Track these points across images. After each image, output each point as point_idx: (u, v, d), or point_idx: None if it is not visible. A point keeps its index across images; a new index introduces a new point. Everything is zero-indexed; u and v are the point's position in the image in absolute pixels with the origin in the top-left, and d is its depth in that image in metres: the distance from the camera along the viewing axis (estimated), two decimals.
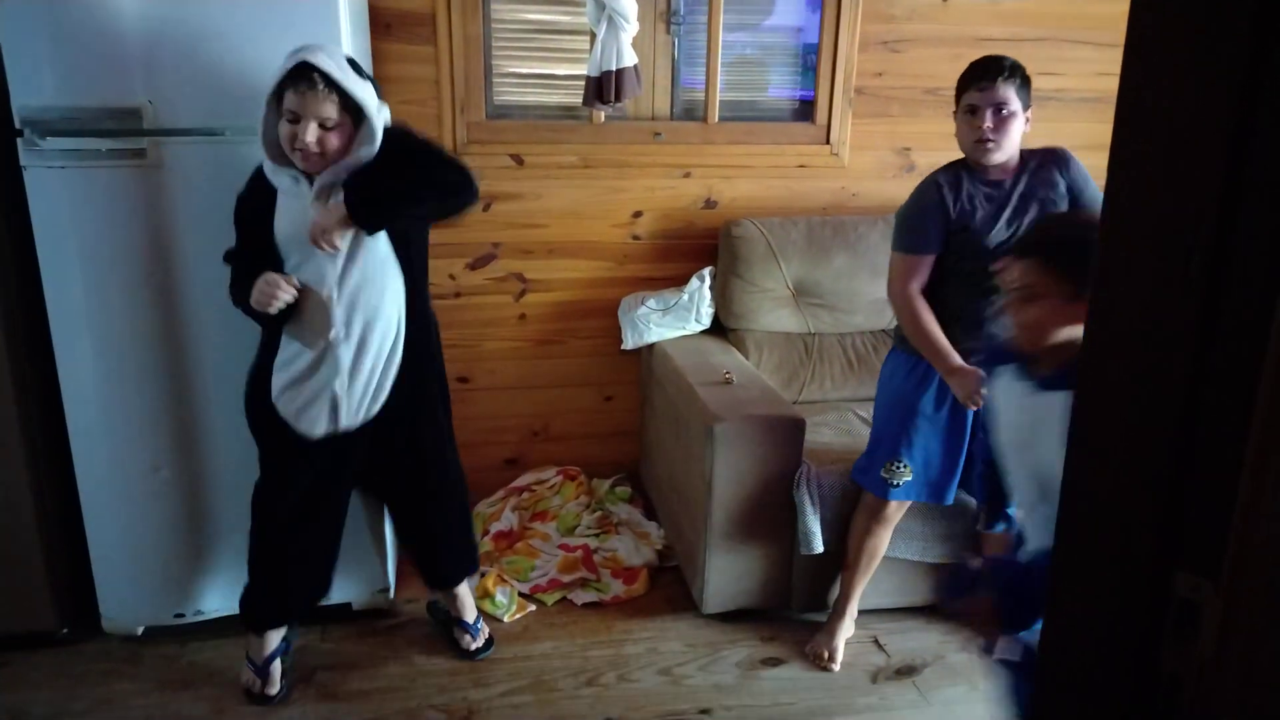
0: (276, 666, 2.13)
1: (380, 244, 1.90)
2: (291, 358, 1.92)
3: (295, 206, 1.86)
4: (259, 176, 1.89)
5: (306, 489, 2.03)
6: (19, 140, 1.93)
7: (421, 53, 2.68)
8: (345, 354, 1.91)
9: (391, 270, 1.94)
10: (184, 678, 2.19)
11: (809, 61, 2.99)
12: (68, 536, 2.23)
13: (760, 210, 2.96)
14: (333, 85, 1.77)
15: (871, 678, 2.26)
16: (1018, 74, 2.00)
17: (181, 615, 2.29)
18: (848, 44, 2.89)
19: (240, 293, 1.90)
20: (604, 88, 2.62)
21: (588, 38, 2.72)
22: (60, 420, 2.11)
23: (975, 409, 2.03)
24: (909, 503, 2.23)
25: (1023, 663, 1.44)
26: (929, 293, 2.10)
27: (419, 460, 2.11)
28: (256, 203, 1.89)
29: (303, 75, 1.76)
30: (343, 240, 1.83)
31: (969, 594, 1.63)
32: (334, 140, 1.81)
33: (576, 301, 2.98)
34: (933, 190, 2.07)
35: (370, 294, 1.91)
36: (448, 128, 2.74)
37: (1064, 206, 2.07)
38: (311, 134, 1.78)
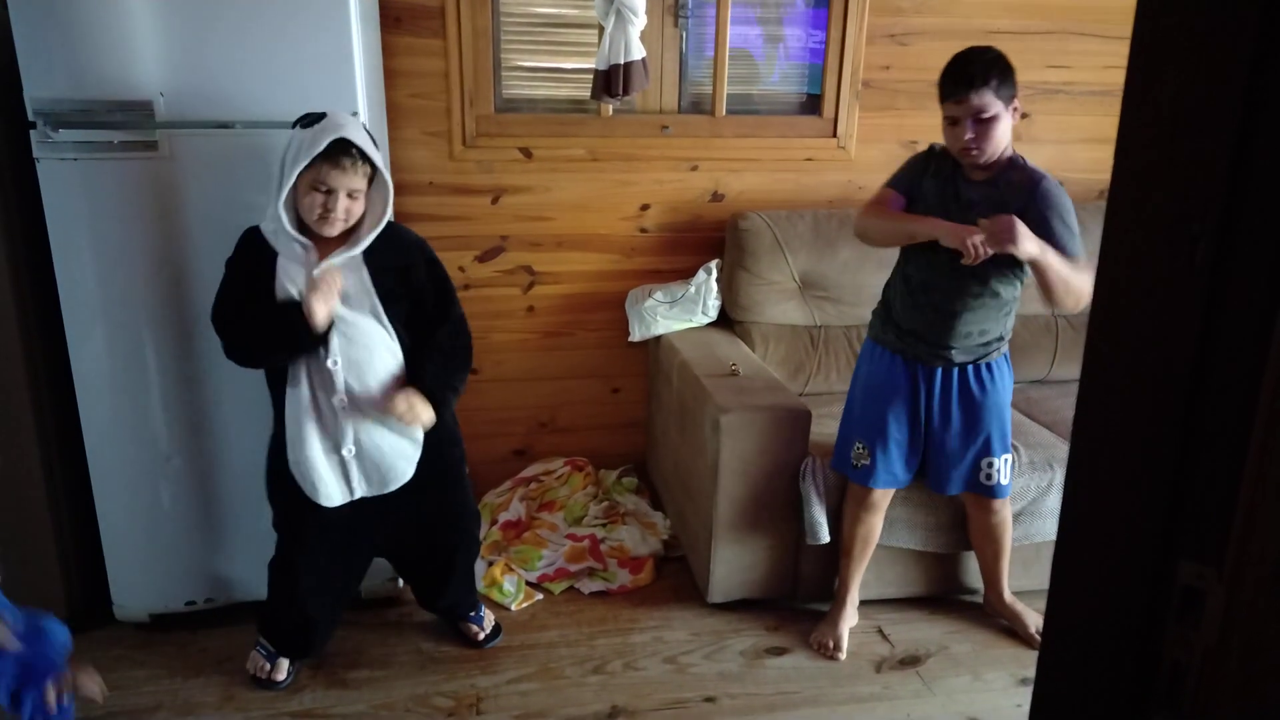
0: (286, 657, 2.16)
1: (373, 321, 1.93)
2: (295, 422, 1.93)
3: (299, 273, 1.87)
4: (253, 239, 1.90)
5: (323, 558, 2.05)
6: (32, 132, 1.94)
7: (431, 46, 2.69)
8: (347, 420, 1.93)
9: (391, 346, 1.95)
10: (195, 665, 2.21)
11: (816, 55, 2.99)
12: (80, 524, 2.25)
13: (767, 203, 2.96)
14: (365, 158, 1.82)
15: (875, 667, 2.28)
16: (992, 75, 1.94)
17: (193, 603, 2.31)
18: (855, 37, 2.88)
19: (247, 335, 1.90)
20: (612, 81, 2.62)
21: (596, 31, 2.72)
22: (72, 410, 2.13)
23: (975, 257, 1.93)
24: (893, 490, 2.25)
25: None
26: (902, 275, 2.17)
27: (435, 532, 2.15)
28: (251, 265, 1.89)
29: (341, 151, 1.79)
30: (419, 414, 1.91)
31: None
32: (357, 208, 1.87)
33: (584, 294, 2.99)
34: (926, 154, 2.14)
35: (373, 363, 1.93)
36: (456, 121, 2.75)
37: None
38: (343, 204, 1.83)
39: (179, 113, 1.99)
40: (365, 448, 1.95)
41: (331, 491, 1.96)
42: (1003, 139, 2.00)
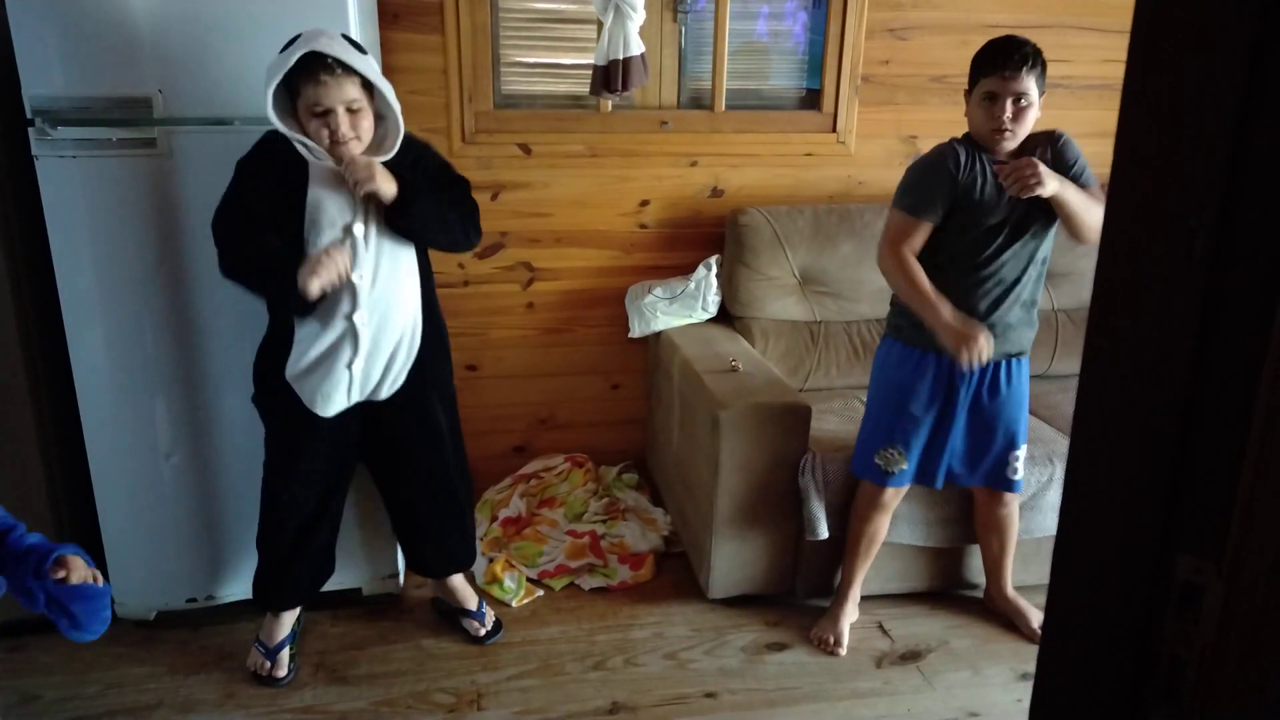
0: (285, 652, 2.16)
1: (406, 243, 1.94)
2: (309, 336, 1.92)
3: (337, 182, 1.84)
4: (274, 144, 1.84)
5: (315, 467, 2.04)
6: (30, 130, 1.94)
7: (429, 42, 2.69)
8: (365, 336, 1.92)
9: (413, 264, 1.98)
10: (196, 662, 2.21)
11: (816, 50, 2.98)
12: (80, 522, 2.25)
13: (767, 199, 2.96)
14: (346, 68, 1.77)
15: (876, 662, 2.28)
16: (1040, 62, 1.96)
17: (194, 600, 2.31)
18: (854, 32, 2.88)
19: (249, 259, 1.86)
20: (611, 77, 2.62)
21: (595, 26, 2.72)
22: (73, 407, 2.13)
23: (970, 368, 2.03)
24: (905, 488, 2.25)
25: None
26: (950, 258, 2.09)
27: (420, 446, 2.13)
28: (278, 171, 1.84)
29: (317, 64, 1.74)
30: (379, 183, 1.80)
31: None
32: (365, 122, 1.82)
33: (584, 290, 2.99)
34: (950, 156, 2.04)
35: (396, 281, 1.94)
36: (455, 117, 2.75)
37: None
38: (345, 121, 1.78)
39: (178, 110, 1.98)
40: (374, 362, 1.95)
41: (331, 401, 1.95)
42: (1029, 129, 2.02)
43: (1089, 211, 1.98)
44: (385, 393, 2.02)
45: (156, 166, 2.01)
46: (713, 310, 2.86)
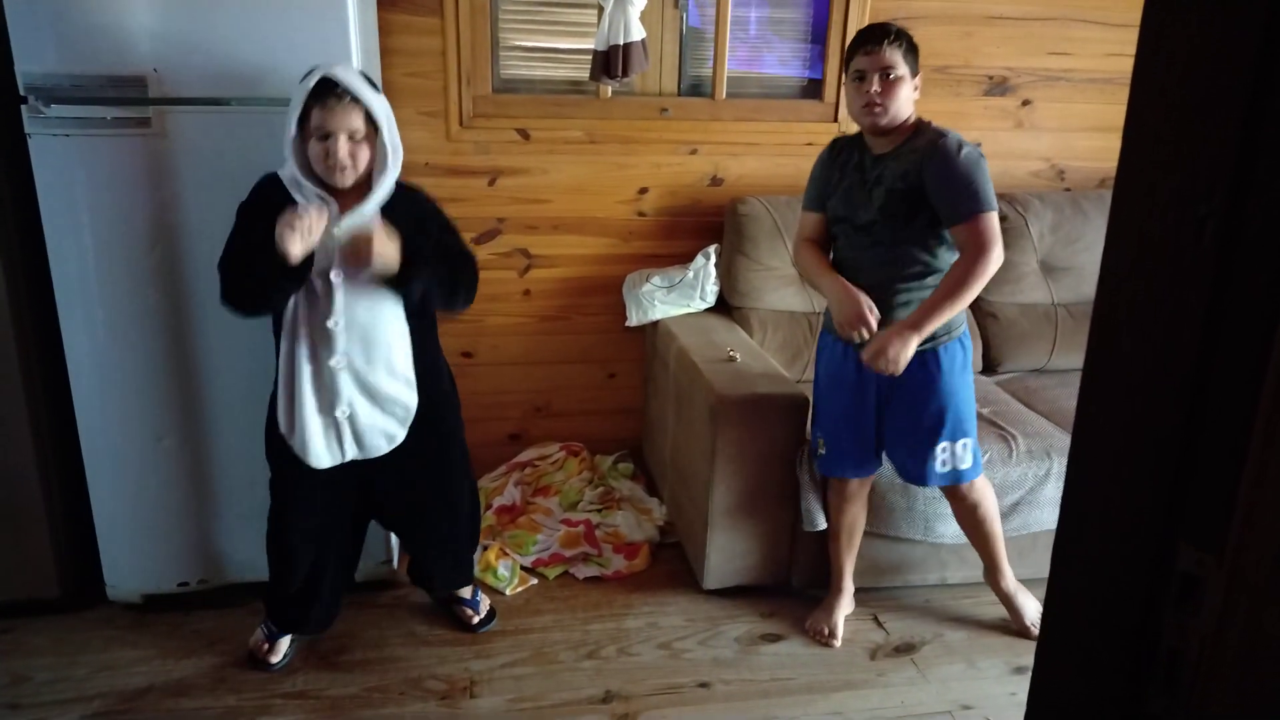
0: (287, 640, 2.16)
1: (383, 288, 1.89)
2: (287, 383, 1.89)
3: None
4: (271, 188, 1.86)
5: (312, 523, 2.04)
6: (23, 107, 1.92)
7: (428, 24, 2.66)
8: (343, 382, 1.89)
9: (397, 315, 1.93)
10: (186, 645, 2.20)
11: (818, 38, 2.96)
12: (72, 505, 2.24)
13: (767, 188, 2.95)
14: (355, 98, 1.79)
15: (870, 654, 2.28)
16: (903, 39, 2.02)
17: (185, 583, 2.30)
18: (858, 21, 2.86)
19: (243, 280, 1.86)
20: (611, 62, 2.60)
21: (595, 11, 2.70)
22: (65, 389, 2.12)
23: (854, 342, 2.08)
24: (866, 480, 2.25)
25: None
26: (835, 260, 2.18)
27: (428, 500, 2.12)
28: (269, 214, 1.82)
29: (327, 90, 1.77)
30: (382, 247, 1.80)
31: None
32: (364, 154, 1.82)
33: (581, 278, 2.97)
34: (827, 147, 2.21)
35: (376, 330, 1.90)
36: (453, 100, 2.73)
37: (909, 192, 2.01)
38: (344, 148, 1.79)
39: (173, 89, 1.97)
40: (359, 411, 1.93)
41: (320, 454, 1.93)
42: (905, 105, 2.02)
43: (961, 302, 2.00)
44: (385, 448, 1.99)
45: (151, 146, 1.99)
46: (711, 300, 2.85)
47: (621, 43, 2.58)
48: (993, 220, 1.96)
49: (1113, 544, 0.69)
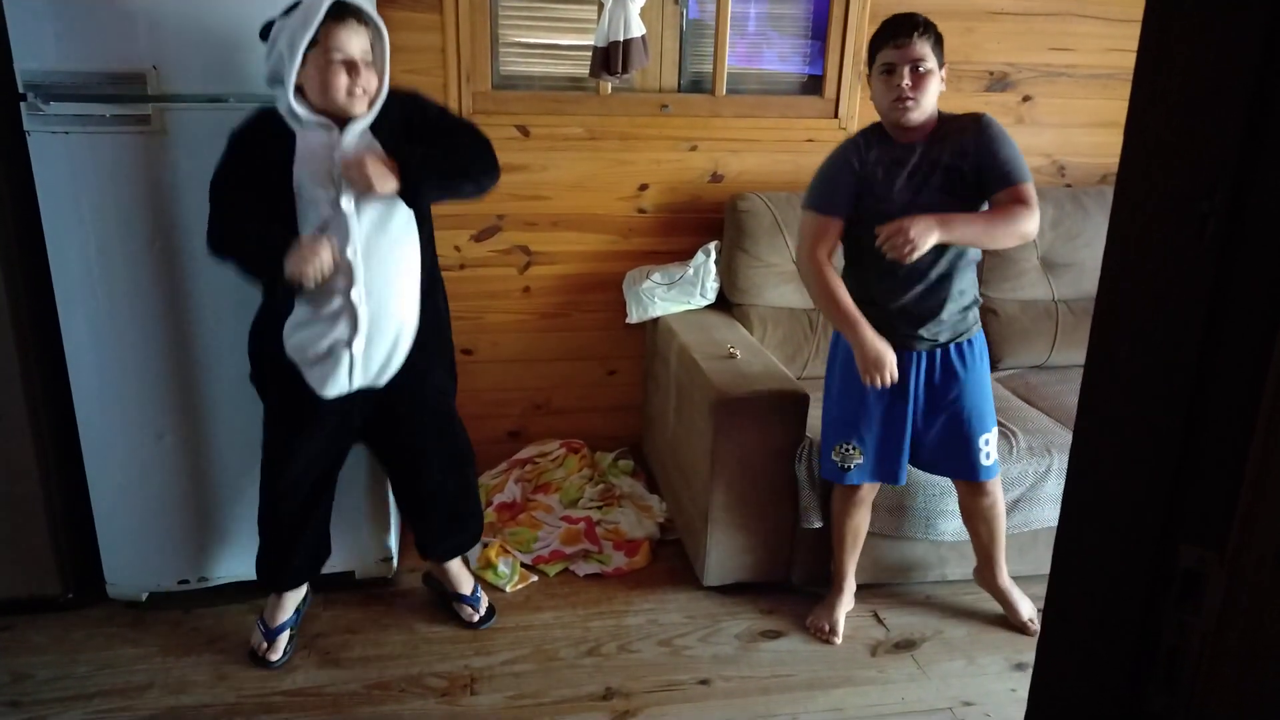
0: (285, 634, 2.16)
1: (401, 207, 1.90)
2: (306, 316, 1.90)
3: (322, 155, 1.82)
4: (267, 119, 1.83)
5: (314, 449, 2.03)
6: (23, 105, 1.92)
7: (427, 20, 2.66)
8: (364, 314, 1.89)
9: (411, 232, 1.94)
10: (187, 643, 2.21)
11: (818, 34, 2.96)
12: (72, 502, 2.24)
13: (767, 184, 2.94)
14: (365, 19, 1.78)
15: (870, 651, 2.28)
16: (932, 31, 1.97)
17: (186, 581, 2.31)
18: (857, 17, 2.86)
19: (236, 240, 1.84)
20: (611, 59, 2.60)
21: (595, 8, 2.70)
22: (65, 387, 2.12)
23: (875, 386, 2.04)
24: (879, 484, 2.23)
25: None
26: (844, 275, 2.08)
27: (422, 423, 2.11)
28: (268, 147, 1.82)
29: (344, 12, 1.75)
30: (381, 184, 1.78)
31: None
32: (373, 77, 1.82)
33: (581, 275, 2.97)
34: (848, 148, 2.05)
35: (393, 254, 1.90)
36: (453, 97, 2.72)
37: (969, 171, 2.00)
38: (364, 73, 1.78)
39: (172, 86, 1.96)
40: (374, 339, 1.92)
41: (333, 384, 1.92)
42: (933, 99, 1.99)
43: (991, 233, 1.96)
44: (387, 376, 1.99)
45: (150, 143, 1.99)
46: (711, 297, 2.85)
47: (621, 39, 2.57)
48: (1033, 189, 1.97)
49: (1114, 542, 0.69)
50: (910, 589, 2.50)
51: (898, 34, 1.95)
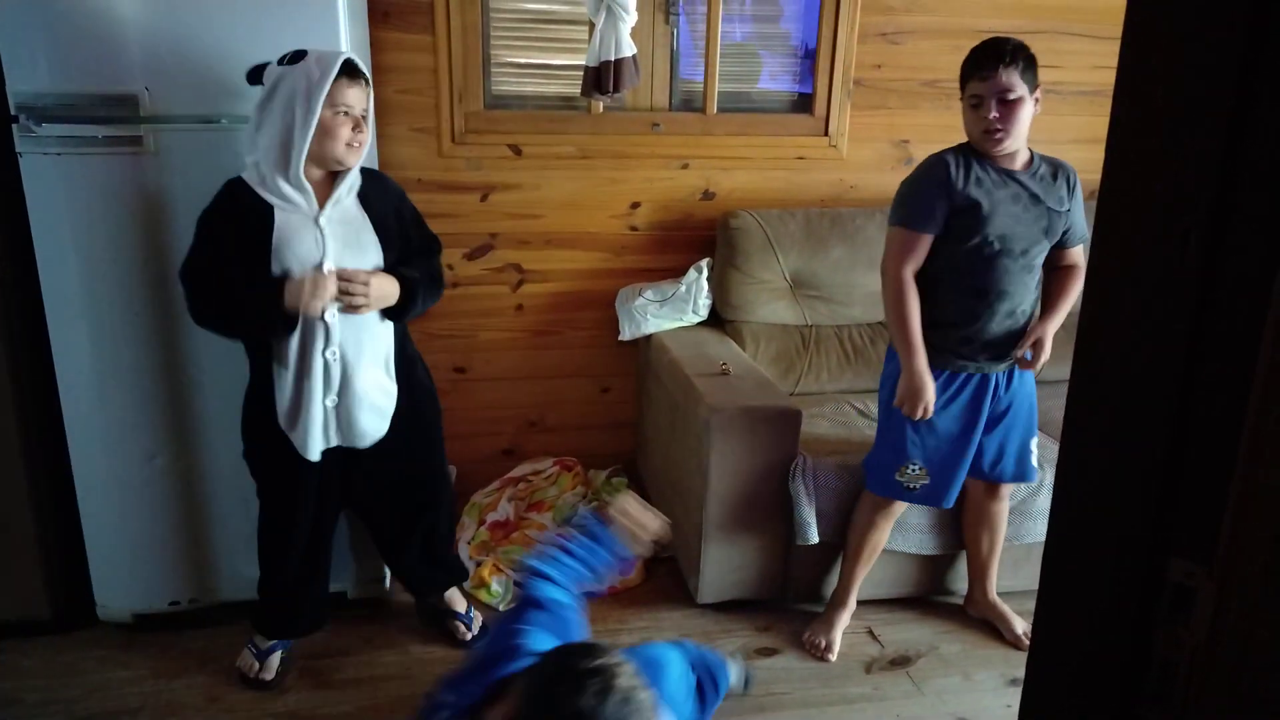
0: (277, 656, 2.14)
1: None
2: (287, 378, 1.90)
3: (301, 226, 1.84)
4: (236, 193, 1.84)
5: (307, 516, 2.03)
6: (14, 126, 1.92)
7: (419, 41, 2.67)
8: (336, 371, 1.90)
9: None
10: (178, 665, 2.19)
11: (808, 53, 2.98)
12: (62, 524, 2.23)
13: (758, 202, 2.96)
14: (364, 76, 1.84)
15: (865, 668, 2.27)
16: (1020, 56, 1.92)
17: (176, 603, 2.29)
18: (847, 36, 2.88)
19: (223, 310, 1.86)
20: (602, 78, 2.61)
21: (586, 28, 2.71)
22: (55, 408, 2.11)
23: (913, 418, 2.08)
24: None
25: None
26: (974, 290, 2.05)
27: (415, 483, 2.13)
28: (242, 222, 1.82)
29: (355, 71, 1.82)
30: (379, 305, 1.91)
31: None
32: (367, 132, 1.88)
33: (574, 292, 2.98)
34: (940, 166, 2.01)
35: (366, 318, 1.92)
36: (445, 117, 2.73)
37: (1061, 216, 2.04)
38: (364, 129, 1.85)
39: (164, 107, 1.97)
40: (345, 399, 1.93)
41: (317, 444, 1.93)
42: (1025, 126, 1.97)
43: (1068, 306, 2.11)
44: (368, 439, 1.99)
45: (142, 164, 1.99)
46: (703, 313, 2.86)
47: (613, 58, 2.58)
48: None
49: (1103, 556, 0.69)
50: (904, 605, 2.49)
51: (982, 65, 1.93)
